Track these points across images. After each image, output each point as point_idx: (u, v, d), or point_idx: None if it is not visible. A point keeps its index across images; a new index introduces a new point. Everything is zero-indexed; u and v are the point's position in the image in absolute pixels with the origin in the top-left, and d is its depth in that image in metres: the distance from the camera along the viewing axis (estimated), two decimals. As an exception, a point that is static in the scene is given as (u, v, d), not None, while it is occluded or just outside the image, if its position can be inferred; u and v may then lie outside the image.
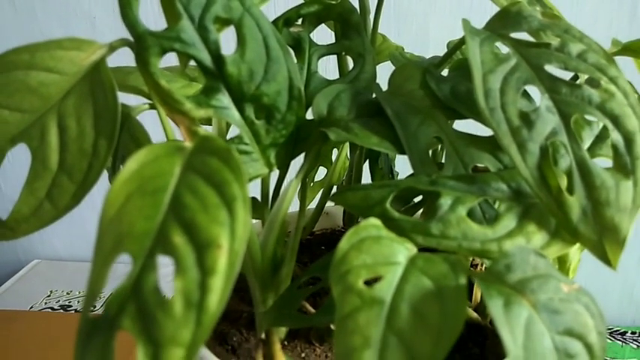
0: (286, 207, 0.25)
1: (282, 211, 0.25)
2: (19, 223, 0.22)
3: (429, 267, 0.18)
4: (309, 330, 0.29)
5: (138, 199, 0.16)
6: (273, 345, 0.24)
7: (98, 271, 0.16)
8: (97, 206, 0.43)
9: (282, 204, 0.25)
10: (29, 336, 0.50)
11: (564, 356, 0.17)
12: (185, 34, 0.21)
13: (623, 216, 0.20)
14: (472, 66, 0.22)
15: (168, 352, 0.14)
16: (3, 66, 0.21)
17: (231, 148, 0.16)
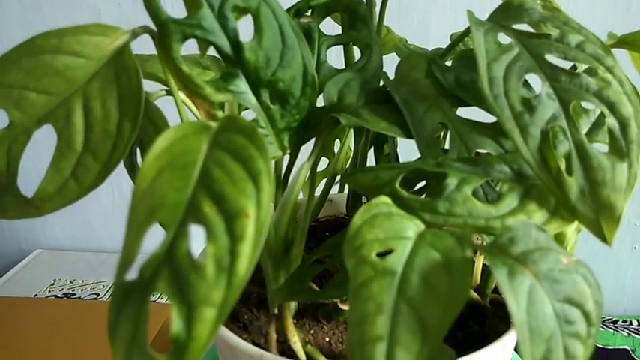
0: (297, 190, 0.27)
1: (293, 194, 0.26)
2: (45, 202, 0.23)
3: (437, 241, 0.20)
4: (316, 309, 0.30)
5: (169, 174, 0.17)
6: (285, 319, 0.25)
7: (132, 239, 0.17)
8: (99, 197, 0.44)
9: (293, 187, 0.27)
10: (35, 323, 0.51)
11: (564, 322, 0.18)
12: (206, 22, 0.22)
13: (619, 195, 0.21)
14: (477, 55, 0.23)
15: (202, 311, 0.15)
16: (32, 50, 0.22)
17: (255, 127, 0.18)
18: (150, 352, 0.16)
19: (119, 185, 0.66)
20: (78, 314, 0.52)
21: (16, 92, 0.22)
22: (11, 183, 0.23)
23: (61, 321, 0.51)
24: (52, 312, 0.53)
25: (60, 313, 0.52)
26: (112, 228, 0.68)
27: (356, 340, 0.18)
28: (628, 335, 0.55)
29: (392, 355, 0.18)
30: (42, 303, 0.55)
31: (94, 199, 0.67)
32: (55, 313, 0.52)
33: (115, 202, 0.67)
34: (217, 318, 0.15)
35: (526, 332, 0.17)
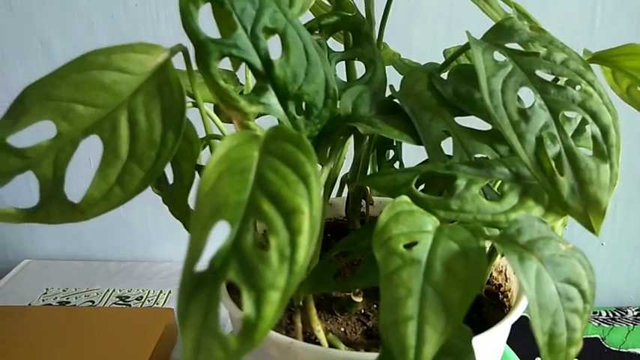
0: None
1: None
2: (90, 206, 0.25)
3: (454, 233, 0.23)
4: (330, 302, 0.32)
5: (228, 177, 0.20)
6: (309, 311, 0.28)
7: (198, 236, 0.19)
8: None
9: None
10: (33, 331, 0.51)
11: (565, 299, 0.21)
12: (240, 42, 0.25)
13: (604, 192, 0.24)
14: (478, 71, 0.27)
15: (268, 295, 0.18)
16: (81, 66, 0.24)
17: (302, 135, 0.20)
18: (221, 334, 0.18)
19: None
20: (75, 321, 0.53)
21: (64, 105, 0.24)
22: (57, 190, 0.25)
23: (59, 328, 0.51)
24: (49, 320, 0.53)
25: (57, 321, 0.53)
26: (103, 237, 0.69)
27: (389, 320, 0.21)
28: (598, 325, 0.60)
29: (421, 333, 0.20)
30: (37, 311, 0.56)
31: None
32: (52, 321, 0.53)
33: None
34: (281, 300, 0.18)
35: (536, 308, 0.20)
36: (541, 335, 0.20)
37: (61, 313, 0.55)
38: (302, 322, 0.28)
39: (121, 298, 0.60)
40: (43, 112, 0.24)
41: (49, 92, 0.24)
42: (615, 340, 0.57)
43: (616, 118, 0.26)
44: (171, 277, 0.65)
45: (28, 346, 0.49)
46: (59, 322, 0.52)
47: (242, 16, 0.25)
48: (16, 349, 0.48)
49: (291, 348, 0.27)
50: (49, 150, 0.24)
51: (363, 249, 0.28)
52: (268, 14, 0.25)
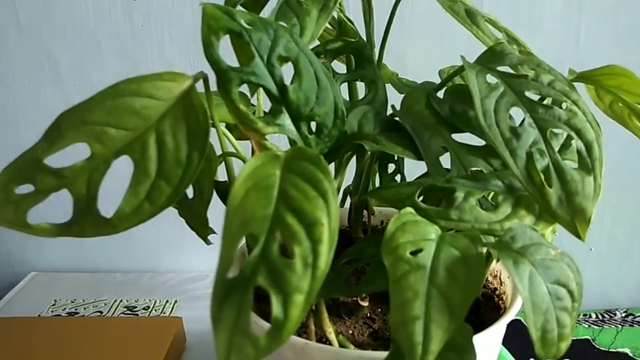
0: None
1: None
2: (122, 221, 0.27)
3: (454, 241, 0.25)
4: (338, 307, 0.35)
5: (254, 194, 0.22)
6: (322, 314, 0.30)
7: (229, 246, 0.21)
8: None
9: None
10: (45, 341, 0.53)
11: (555, 299, 0.24)
12: (258, 69, 0.27)
13: (588, 202, 0.27)
14: (472, 92, 0.29)
15: (294, 298, 0.20)
16: (115, 93, 0.26)
17: (320, 155, 0.23)
18: (252, 334, 0.20)
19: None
20: (86, 332, 0.54)
21: (98, 128, 0.26)
22: (91, 206, 0.27)
23: (71, 339, 0.53)
24: (61, 330, 0.54)
25: (69, 332, 0.54)
26: (108, 249, 0.71)
27: (399, 320, 0.23)
28: (588, 327, 0.62)
29: (427, 331, 0.23)
30: (49, 322, 0.57)
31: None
32: (64, 332, 0.54)
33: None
34: (305, 303, 0.20)
35: (530, 306, 0.23)
36: (535, 331, 0.23)
37: (72, 323, 0.56)
38: (314, 325, 0.31)
39: (128, 308, 0.62)
40: (78, 136, 0.26)
41: (84, 117, 0.26)
42: (605, 340, 0.60)
43: (599, 135, 0.29)
44: (175, 287, 0.67)
45: (41, 357, 0.50)
46: (71, 332, 0.54)
47: (259, 46, 0.27)
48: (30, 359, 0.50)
49: (305, 349, 0.29)
50: (83, 170, 0.26)
51: (369, 256, 0.31)
52: (282, 44, 0.28)
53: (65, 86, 0.64)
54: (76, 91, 0.64)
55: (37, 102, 0.65)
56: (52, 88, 0.64)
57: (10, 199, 0.27)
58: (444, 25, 0.59)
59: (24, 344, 0.52)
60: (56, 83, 0.64)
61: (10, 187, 0.27)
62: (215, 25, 0.27)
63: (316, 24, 0.30)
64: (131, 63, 0.62)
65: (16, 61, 0.63)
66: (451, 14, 0.34)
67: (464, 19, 0.34)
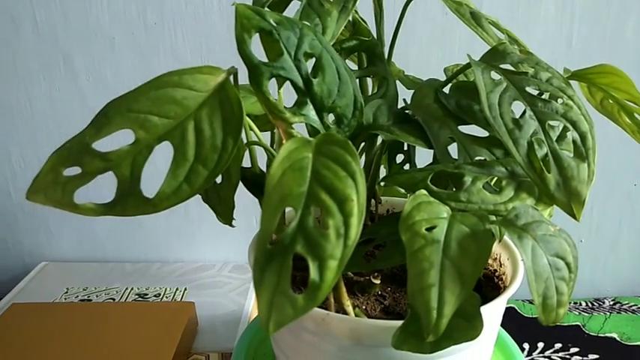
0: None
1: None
2: (162, 201, 0.29)
3: (464, 219, 0.28)
4: (352, 285, 0.38)
5: (290, 173, 0.25)
6: (340, 289, 0.33)
7: (269, 219, 0.24)
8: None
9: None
10: (62, 325, 0.55)
11: (554, 269, 0.27)
12: (286, 65, 0.30)
13: (583, 186, 0.30)
14: (478, 87, 0.32)
15: (329, 263, 0.23)
16: (158, 84, 0.29)
17: (348, 140, 0.25)
18: (292, 294, 0.23)
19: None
20: (102, 317, 0.56)
21: (142, 116, 0.29)
22: (134, 187, 0.29)
23: (88, 323, 0.55)
24: (77, 316, 0.57)
25: (85, 317, 0.56)
26: (118, 240, 0.73)
27: (416, 288, 0.26)
28: (579, 314, 0.66)
29: (442, 297, 0.26)
30: (64, 307, 0.59)
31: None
32: (80, 317, 0.56)
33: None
34: (338, 268, 0.23)
35: (532, 275, 0.26)
36: (537, 297, 0.26)
37: (87, 308, 0.58)
38: (335, 299, 0.33)
39: (139, 295, 0.64)
40: (124, 123, 0.29)
41: (130, 106, 0.29)
42: (594, 326, 0.63)
43: (592, 126, 0.32)
44: (184, 276, 0.69)
45: (60, 340, 0.52)
46: (87, 317, 0.56)
47: (287, 43, 0.30)
48: (48, 344, 0.52)
49: (326, 319, 0.32)
50: (128, 154, 0.29)
51: (384, 236, 0.34)
52: (307, 41, 0.31)
53: (80, 82, 0.66)
54: (89, 87, 0.66)
55: (52, 98, 0.67)
56: (66, 84, 0.67)
57: (59, 181, 0.29)
58: (444, 25, 0.63)
59: (42, 329, 0.54)
60: (71, 80, 0.66)
61: (59, 169, 0.29)
62: (247, 24, 0.30)
63: (336, 24, 0.33)
64: (144, 60, 0.64)
65: (32, 58, 0.66)
66: (458, 16, 0.37)
67: (469, 20, 0.37)
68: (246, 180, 0.36)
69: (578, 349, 0.59)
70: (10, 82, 0.66)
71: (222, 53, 0.64)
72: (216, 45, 0.64)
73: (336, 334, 0.32)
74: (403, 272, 0.41)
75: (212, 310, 0.61)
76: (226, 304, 0.62)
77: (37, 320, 0.56)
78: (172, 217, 0.72)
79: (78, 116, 0.67)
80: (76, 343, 0.51)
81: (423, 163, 0.40)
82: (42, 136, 0.69)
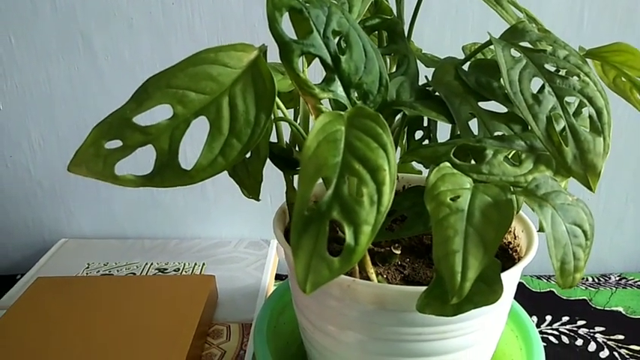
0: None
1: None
2: (199, 172, 0.31)
3: (487, 189, 0.30)
4: (373, 255, 0.39)
5: (325, 145, 0.26)
6: (364, 257, 0.35)
7: (306, 186, 0.26)
8: (124, 188, 0.48)
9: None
10: (87, 298, 0.57)
11: (572, 236, 0.28)
12: (316, 42, 0.31)
13: (599, 159, 0.31)
14: (500, 64, 0.33)
15: (363, 228, 0.24)
16: (196, 61, 0.30)
17: (379, 114, 0.27)
18: (328, 257, 0.25)
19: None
20: (127, 289, 0.58)
21: (180, 92, 0.30)
22: (172, 159, 0.31)
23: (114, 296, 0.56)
24: (100, 289, 0.58)
25: (110, 289, 0.58)
26: (136, 217, 0.75)
27: (441, 253, 0.28)
28: (585, 289, 0.68)
29: (465, 262, 0.27)
30: (86, 281, 0.61)
31: (120, 191, 0.73)
32: (105, 290, 0.58)
33: (139, 193, 0.74)
34: (372, 233, 0.25)
35: (552, 241, 0.27)
36: (555, 262, 0.27)
37: (111, 281, 0.60)
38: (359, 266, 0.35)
39: (159, 269, 0.66)
40: (163, 98, 0.30)
41: (169, 81, 0.30)
42: (600, 300, 0.65)
43: (607, 102, 0.33)
44: (201, 252, 0.71)
45: (86, 313, 0.54)
46: (111, 290, 0.58)
47: (316, 21, 0.31)
48: (74, 316, 0.54)
49: (351, 286, 0.34)
50: (166, 128, 0.30)
51: (406, 208, 0.35)
52: (335, 19, 0.32)
53: (98, 62, 0.67)
54: (108, 66, 0.67)
55: (71, 77, 0.68)
56: (85, 64, 0.68)
57: (100, 153, 0.31)
58: (457, 4, 0.63)
59: (67, 301, 0.56)
60: (89, 59, 0.67)
61: (100, 142, 0.31)
62: (278, 3, 0.31)
63: (362, 2, 0.34)
64: (162, 40, 0.65)
65: (51, 39, 0.67)
66: (477, -5, 0.38)
67: (489, 0, 0.38)
68: (273, 154, 0.37)
69: (585, 322, 0.61)
70: (30, 61, 0.67)
71: (238, 32, 0.65)
72: (232, 24, 0.65)
73: (360, 299, 0.34)
74: (420, 244, 0.42)
75: (230, 283, 0.63)
76: (244, 277, 0.64)
77: (62, 293, 0.58)
78: (189, 195, 0.74)
79: (96, 95, 0.69)
80: (101, 315, 0.53)
81: (441, 139, 0.41)
82: (60, 114, 0.71)
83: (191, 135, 0.31)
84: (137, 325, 0.52)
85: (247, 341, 0.54)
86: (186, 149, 0.31)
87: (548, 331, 0.60)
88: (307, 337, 0.41)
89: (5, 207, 0.75)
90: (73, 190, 0.74)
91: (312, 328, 0.39)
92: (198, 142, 0.31)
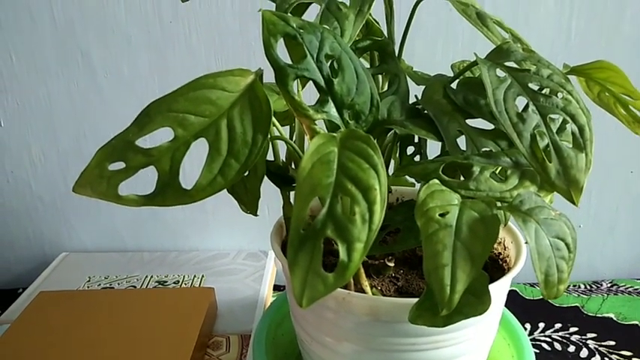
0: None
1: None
2: (198, 192, 0.32)
3: (474, 205, 0.31)
4: (367, 267, 0.41)
5: (319, 166, 0.28)
6: (359, 271, 0.36)
7: (301, 206, 0.27)
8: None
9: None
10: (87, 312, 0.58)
11: (555, 249, 0.30)
12: (309, 66, 0.33)
13: (581, 174, 0.33)
14: (485, 84, 0.35)
15: (356, 245, 0.26)
16: (196, 86, 0.32)
17: (370, 136, 0.28)
18: (323, 273, 0.26)
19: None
20: (127, 302, 0.59)
21: (181, 116, 0.32)
22: (173, 180, 0.32)
23: (113, 309, 0.58)
24: (101, 302, 0.59)
25: (109, 303, 0.59)
26: (136, 231, 0.76)
27: (431, 267, 0.29)
28: (578, 296, 0.69)
29: (454, 275, 0.29)
30: (88, 295, 0.62)
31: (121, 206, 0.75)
32: (105, 304, 0.59)
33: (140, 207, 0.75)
34: (364, 250, 0.26)
35: (536, 254, 0.29)
36: (540, 274, 0.29)
37: (112, 295, 0.61)
38: (354, 279, 0.37)
39: (159, 282, 0.68)
40: (165, 121, 0.32)
41: (170, 106, 0.31)
42: (592, 307, 0.66)
43: (589, 119, 0.35)
44: (200, 264, 0.72)
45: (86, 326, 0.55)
46: (112, 303, 0.59)
47: (310, 46, 0.33)
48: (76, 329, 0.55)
49: (346, 298, 0.35)
50: (167, 150, 0.32)
51: (399, 222, 0.37)
52: (328, 44, 0.34)
53: (97, 78, 0.69)
54: (107, 82, 0.69)
55: (70, 92, 0.70)
56: (84, 79, 0.69)
57: (104, 175, 0.32)
58: (448, 21, 0.65)
59: (70, 315, 0.57)
60: (88, 75, 0.69)
61: (104, 164, 0.32)
62: (274, 29, 0.33)
63: (353, 26, 0.36)
64: (160, 56, 0.67)
65: (51, 55, 0.68)
66: (464, 17, 0.39)
67: (475, 21, 0.39)
68: (270, 172, 0.39)
69: (577, 329, 0.62)
70: (30, 77, 0.69)
71: (235, 49, 0.67)
72: (229, 41, 0.67)
73: (355, 311, 0.35)
74: (414, 256, 0.44)
75: (229, 295, 0.64)
76: (242, 289, 0.66)
77: (65, 307, 0.59)
78: (188, 208, 0.75)
79: (96, 109, 0.70)
80: (104, 328, 0.54)
81: (431, 155, 0.43)
82: (61, 129, 0.72)
83: (190, 155, 0.32)
84: (139, 337, 0.53)
85: (246, 352, 0.55)
86: (186, 169, 0.33)
87: (541, 338, 0.61)
88: (305, 348, 0.42)
89: (7, 221, 0.76)
90: (74, 204, 0.75)
91: (309, 340, 0.40)
92: (197, 163, 0.33)
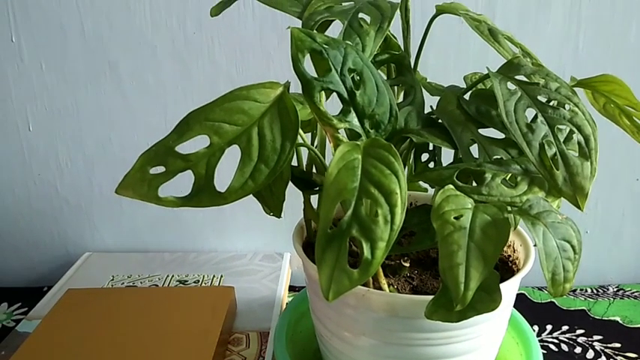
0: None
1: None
2: (231, 194, 0.35)
3: (486, 209, 0.34)
4: (384, 268, 0.43)
5: (344, 172, 0.30)
6: (377, 270, 0.39)
7: (328, 208, 0.30)
8: (147, 205, 0.50)
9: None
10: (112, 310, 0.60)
11: (561, 251, 0.32)
12: (334, 79, 0.36)
13: (586, 181, 0.35)
14: (497, 96, 0.37)
15: (378, 244, 0.28)
16: (230, 98, 0.34)
17: (391, 144, 0.31)
18: (348, 269, 0.29)
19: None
20: (151, 300, 0.61)
21: (217, 124, 0.34)
22: (208, 183, 0.35)
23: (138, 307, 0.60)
24: (125, 300, 0.62)
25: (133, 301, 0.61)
26: (158, 232, 0.79)
27: (446, 265, 0.32)
28: (584, 300, 0.71)
29: (468, 273, 0.31)
30: (112, 293, 0.65)
31: (141, 206, 0.78)
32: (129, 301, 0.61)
33: (160, 208, 0.78)
34: (386, 248, 0.29)
35: (543, 255, 0.31)
36: (547, 273, 0.31)
37: (137, 293, 0.64)
38: (372, 277, 0.39)
39: (180, 281, 0.70)
40: (202, 129, 0.34)
41: (207, 115, 0.34)
42: (599, 310, 0.68)
43: (595, 129, 0.37)
44: (219, 265, 0.75)
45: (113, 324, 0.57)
46: (136, 301, 0.61)
47: (334, 61, 0.36)
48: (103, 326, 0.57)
49: (366, 295, 0.37)
50: (204, 155, 0.34)
51: (415, 225, 0.39)
52: (351, 59, 0.36)
53: (124, 87, 0.72)
54: (133, 91, 0.72)
55: (98, 101, 0.73)
56: (111, 89, 0.72)
57: (145, 178, 0.35)
58: (460, 34, 0.68)
59: (97, 312, 0.60)
60: (115, 85, 0.72)
61: (146, 168, 0.35)
62: (301, 45, 0.35)
63: (374, 42, 0.39)
64: (184, 66, 0.70)
65: (80, 65, 0.71)
66: (477, 33, 0.42)
67: (487, 37, 0.42)
68: (294, 177, 0.41)
69: (584, 331, 0.64)
70: (59, 86, 0.72)
71: (255, 59, 0.70)
72: (250, 51, 0.70)
73: (374, 307, 0.38)
74: (427, 258, 0.46)
75: (248, 294, 0.67)
76: (260, 289, 0.68)
77: (91, 304, 0.62)
78: (207, 211, 0.78)
79: (121, 117, 0.73)
80: (130, 323, 0.57)
81: (445, 162, 0.45)
82: (87, 135, 0.75)
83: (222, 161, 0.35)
84: (164, 332, 0.55)
85: (266, 348, 0.57)
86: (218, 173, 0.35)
87: (548, 340, 0.63)
88: (324, 343, 0.44)
89: (33, 222, 0.80)
90: (98, 206, 0.78)
91: (329, 335, 0.43)
92: (228, 168, 0.35)
